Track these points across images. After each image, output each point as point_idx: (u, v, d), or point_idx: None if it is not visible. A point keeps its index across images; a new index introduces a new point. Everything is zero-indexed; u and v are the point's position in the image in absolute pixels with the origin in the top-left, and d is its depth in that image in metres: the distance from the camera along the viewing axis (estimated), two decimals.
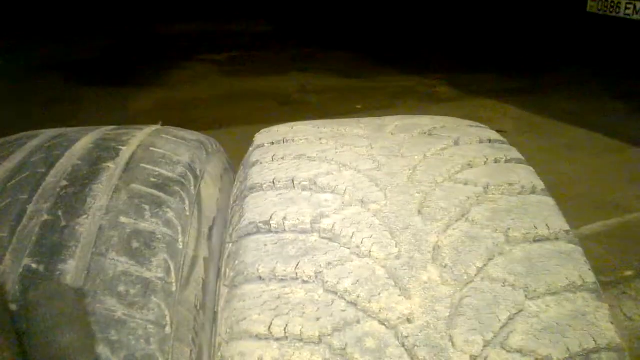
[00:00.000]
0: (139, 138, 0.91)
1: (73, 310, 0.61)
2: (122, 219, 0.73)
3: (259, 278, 0.70)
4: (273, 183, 0.83)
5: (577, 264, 0.73)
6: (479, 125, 1.02)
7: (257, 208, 0.79)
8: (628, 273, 2.03)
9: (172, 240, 0.74)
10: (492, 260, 0.71)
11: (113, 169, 0.81)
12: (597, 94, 4.32)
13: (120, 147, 0.87)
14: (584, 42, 5.54)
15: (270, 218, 0.76)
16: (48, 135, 0.93)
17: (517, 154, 0.91)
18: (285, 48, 6.02)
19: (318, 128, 0.99)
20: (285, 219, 0.76)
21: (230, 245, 0.79)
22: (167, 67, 5.15)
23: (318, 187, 0.82)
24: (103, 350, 0.61)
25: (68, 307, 0.61)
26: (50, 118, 3.47)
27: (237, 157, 1.16)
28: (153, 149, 0.88)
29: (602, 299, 0.72)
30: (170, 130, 0.99)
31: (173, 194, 0.80)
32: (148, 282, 0.68)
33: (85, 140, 0.90)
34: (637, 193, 2.70)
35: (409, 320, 0.65)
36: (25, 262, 0.67)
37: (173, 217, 0.77)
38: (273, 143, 0.96)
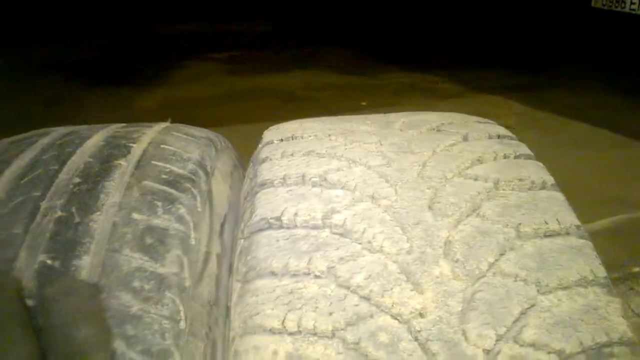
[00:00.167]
0: (149, 135, 0.92)
1: (89, 306, 0.62)
2: (135, 216, 0.74)
3: (272, 273, 0.71)
4: (283, 179, 0.84)
5: (588, 259, 0.74)
6: (487, 121, 1.02)
7: (268, 204, 0.80)
8: (636, 269, 2.03)
9: (184, 237, 0.74)
10: (503, 255, 0.72)
11: (125, 166, 0.82)
12: (601, 89, 4.30)
13: (131, 144, 0.87)
14: (589, 37, 5.53)
15: (282, 214, 0.77)
16: (59, 133, 0.94)
17: (526, 150, 0.91)
18: (286, 46, 6.01)
19: (326, 125, 1.00)
20: (297, 215, 0.76)
21: (242, 241, 0.79)
22: (168, 66, 5.14)
23: (328, 183, 0.82)
24: (119, 345, 0.61)
25: (84, 302, 0.62)
26: (52, 118, 3.47)
27: (243, 154, 1.17)
28: (164, 146, 0.89)
29: (613, 294, 0.72)
30: (180, 128, 1.00)
31: (184, 191, 0.81)
32: (162, 277, 0.68)
33: (96, 138, 0.90)
34: None
35: (422, 315, 0.65)
36: (41, 258, 0.68)
37: (185, 213, 0.77)
38: (282, 140, 0.96)
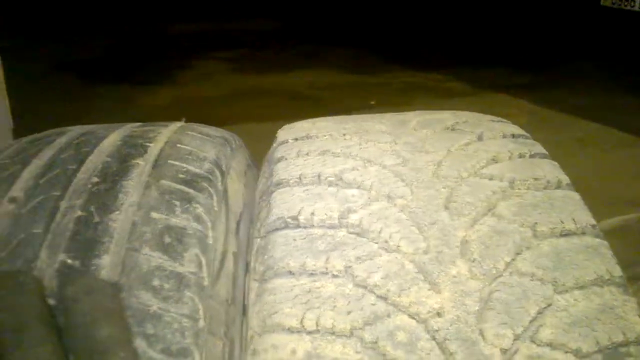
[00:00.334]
0: (166, 135, 0.92)
1: (110, 305, 0.63)
2: (153, 215, 0.74)
3: (289, 272, 0.71)
4: (299, 179, 0.84)
5: (604, 258, 0.74)
6: (501, 120, 1.02)
7: (284, 203, 0.80)
8: None
9: (202, 236, 0.75)
10: (520, 255, 0.72)
11: (142, 166, 0.82)
12: (609, 88, 4.28)
13: (148, 143, 0.88)
14: (597, 36, 5.49)
15: (299, 213, 0.77)
16: (76, 133, 0.95)
17: (541, 149, 0.92)
18: (292, 45, 6.01)
19: (340, 124, 1.00)
20: (313, 214, 0.77)
21: (259, 240, 0.80)
22: (173, 66, 5.15)
23: (344, 182, 0.82)
24: (140, 344, 0.62)
25: (105, 301, 0.63)
26: (64, 117, 3.50)
27: (251, 153, 1.17)
28: (180, 146, 0.89)
29: (629, 293, 0.72)
30: (195, 127, 1.00)
31: (202, 190, 0.81)
32: (181, 276, 0.69)
33: (113, 137, 0.91)
34: None
35: (439, 314, 0.66)
36: (61, 257, 0.68)
37: (203, 212, 0.78)
38: (297, 139, 0.96)
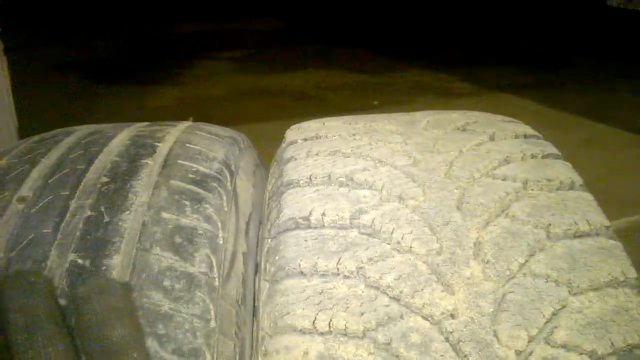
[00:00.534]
0: (174, 134, 0.92)
1: (122, 305, 0.62)
2: (164, 215, 0.74)
3: (301, 273, 0.71)
4: (310, 179, 0.84)
5: (618, 260, 0.73)
6: (513, 120, 1.02)
7: (295, 204, 0.79)
8: None
9: (213, 236, 0.74)
10: (533, 256, 0.71)
11: (152, 166, 0.82)
12: (616, 89, 4.26)
13: (157, 143, 0.88)
14: (604, 35, 5.47)
15: (310, 214, 0.77)
16: (84, 132, 0.94)
17: (553, 149, 0.91)
18: (297, 45, 6.00)
19: (350, 124, 0.99)
20: (325, 215, 0.76)
21: (269, 241, 0.79)
22: (178, 66, 5.15)
23: (355, 183, 0.82)
24: (152, 344, 0.61)
25: (117, 301, 0.62)
26: (68, 117, 3.50)
27: (259, 153, 1.16)
28: (189, 145, 0.89)
29: None
30: (203, 127, 1.00)
31: (211, 190, 0.81)
32: (192, 276, 0.68)
33: (121, 137, 0.91)
34: None
35: (453, 316, 0.65)
36: (71, 257, 0.68)
37: (213, 212, 0.77)
38: (306, 139, 0.96)
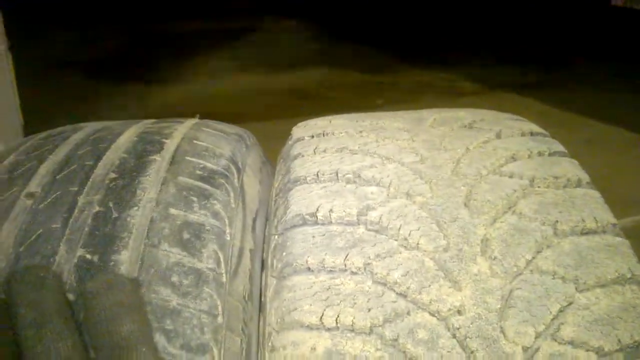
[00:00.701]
0: (181, 131, 0.92)
1: (131, 300, 0.62)
2: (172, 211, 0.74)
3: (308, 269, 0.71)
4: (317, 176, 0.84)
5: (625, 257, 0.73)
6: (519, 118, 1.02)
7: (302, 200, 0.80)
8: None
9: (220, 232, 0.75)
10: (540, 253, 0.71)
11: (159, 162, 0.82)
12: (619, 89, 4.24)
13: (165, 140, 0.88)
14: (607, 35, 5.46)
15: (317, 210, 0.77)
16: (92, 129, 0.95)
17: (560, 147, 0.91)
18: (302, 43, 6.00)
19: (356, 121, 1.00)
20: (332, 211, 0.76)
21: (276, 237, 0.79)
22: (180, 64, 5.15)
23: (362, 179, 0.82)
24: (160, 339, 0.62)
25: (126, 297, 0.62)
26: (73, 114, 3.50)
27: (264, 151, 1.16)
28: (196, 142, 0.89)
29: None
30: (210, 124, 1.00)
31: (219, 187, 0.81)
32: (200, 272, 0.69)
33: (129, 134, 0.91)
34: None
35: (460, 312, 0.65)
36: (80, 252, 0.68)
37: (220, 209, 0.77)
38: (313, 136, 0.96)
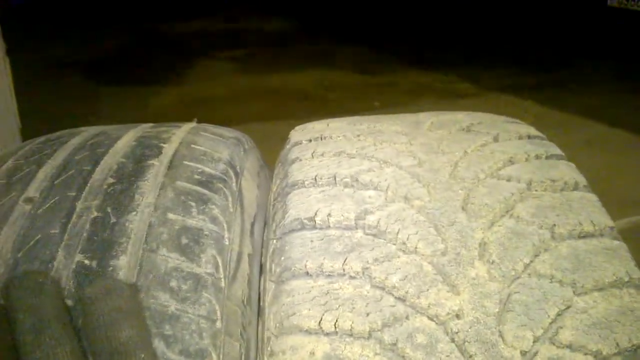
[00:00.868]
0: (179, 135, 0.92)
1: (129, 306, 0.62)
2: (170, 216, 0.74)
3: (307, 274, 0.71)
4: (315, 180, 0.84)
5: (622, 260, 0.73)
6: (516, 121, 1.02)
7: (300, 205, 0.80)
8: None
9: (218, 237, 0.75)
10: (538, 257, 0.71)
11: (158, 167, 0.82)
12: (617, 89, 4.25)
13: (162, 144, 0.88)
14: (605, 36, 5.47)
15: (315, 214, 0.77)
16: (89, 133, 0.95)
17: (557, 150, 0.91)
18: (300, 45, 6.01)
19: (354, 125, 1.00)
20: (330, 216, 0.77)
21: (275, 242, 0.79)
22: (179, 65, 5.15)
23: (360, 183, 0.82)
24: (158, 345, 0.62)
25: (125, 302, 0.62)
26: (71, 117, 3.50)
27: (262, 153, 1.16)
28: (194, 146, 0.89)
29: None
30: (208, 128, 1.00)
31: (217, 191, 0.81)
32: (198, 277, 0.69)
33: (127, 138, 0.91)
34: None
35: (458, 316, 0.65)
36: (78, 258, 0.68)
37: (218, 213, 0.77)
38: (311, 140, 0.96)
